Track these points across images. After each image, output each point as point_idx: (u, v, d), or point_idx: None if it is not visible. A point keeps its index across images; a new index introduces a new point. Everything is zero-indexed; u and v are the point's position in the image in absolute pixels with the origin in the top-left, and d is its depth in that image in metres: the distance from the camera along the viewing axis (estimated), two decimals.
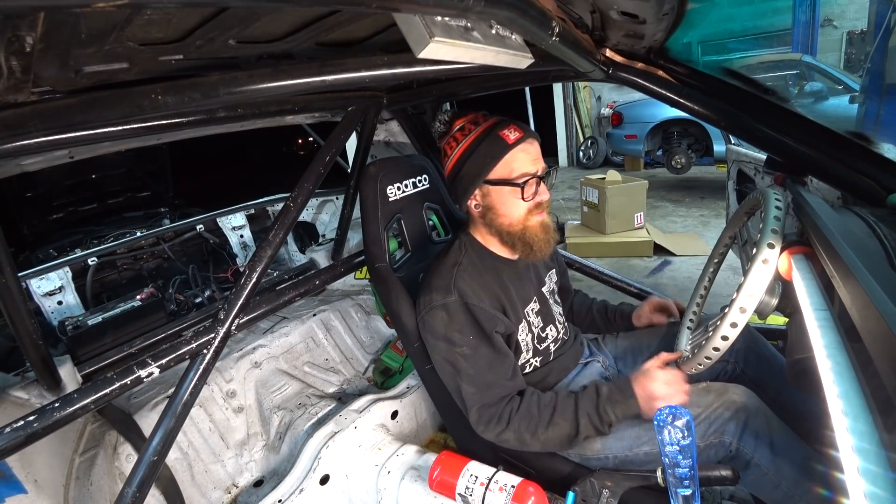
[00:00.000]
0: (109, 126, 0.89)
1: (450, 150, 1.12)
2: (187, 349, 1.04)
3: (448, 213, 1.58)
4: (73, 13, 0.48)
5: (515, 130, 1.07)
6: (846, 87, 4.46)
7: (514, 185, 1.05)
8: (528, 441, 1.03)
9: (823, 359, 0.47)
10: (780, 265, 0.92)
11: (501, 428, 1.03)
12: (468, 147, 1.08)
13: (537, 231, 1.09)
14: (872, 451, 0.36)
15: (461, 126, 1.12)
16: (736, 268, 3.20)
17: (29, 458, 1.07)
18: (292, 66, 0.80)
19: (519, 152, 1.05)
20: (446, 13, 0.57)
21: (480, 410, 1.05)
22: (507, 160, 1.05)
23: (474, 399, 1.05)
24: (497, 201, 1.08)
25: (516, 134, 1.06)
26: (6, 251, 0.81)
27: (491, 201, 1.09)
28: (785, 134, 1.04)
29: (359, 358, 2.08)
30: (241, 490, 1.60)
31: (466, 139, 1.09)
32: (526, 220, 1.08)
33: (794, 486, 0.92)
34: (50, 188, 3.44)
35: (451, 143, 1.12)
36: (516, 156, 1.05)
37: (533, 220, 1.09)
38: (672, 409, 0.80)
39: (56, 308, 2.01)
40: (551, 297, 1.28)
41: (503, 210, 1.08)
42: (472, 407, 1.06)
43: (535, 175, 1.06)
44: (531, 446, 1.04)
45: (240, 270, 2.54)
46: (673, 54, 1.15)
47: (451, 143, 1.12)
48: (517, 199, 1.06)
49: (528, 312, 1.18)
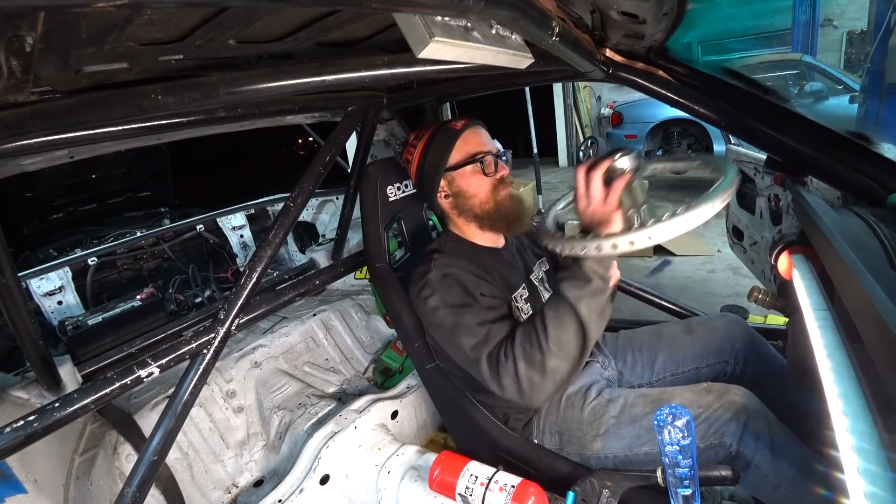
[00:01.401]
0: (109, 126, 0.89)
1: (410, 157, 1.22)
2: (187, 349, 1.04)
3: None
4: (73, 13, 0.48)
5: (461, 119, 1.17)
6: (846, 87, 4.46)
7: (474, 163, 1.13)
8: (540, 359, 0.93)
9: (824, 359, 0.47)
10: (781, 265, 0.92)
11: (511, 362, 0.96)
12: (424, 147, 1.18)
13: (509, 203, 1.15)
14: (872, 451, 0.36)
15: (414, 135, 1.23)
16: (736, 268, 3.20)
17: (29, 458, 1.07)
18: (292, 66, 0.80)
19: (469, 135, 1.15)
20: (446, 13, 0.57)
21: (488, 359, 0.99)
22: (460, 145, 1.14)
23: (478, 350, 1.00)
24: (463, 184, 1.15)
25: (462, 122, 1.16)
26: (6, 251, 0.81)
27: (457, 187, 1.15)
28: (785, 134, 1.04)
29: (359, 358, 2.08)
30: (241, 490, 1.60)
31: (421, 141, 1.19)
32: (495, 196, 1.15)
33: (794, 488, 0.92)
34: (50, 188, 3.45)
35: (410, 151, 1.22)
36: (467, 139, 1.14)
37: (502, 193, 1.15)
38: (672, 408, 0.80)
39: (56, 308, 2.02)
40: (541, 284, 1.28)
41: (471, 191, 1.14)
42: (481, 359, 0.99)
43: (489, 152, 1.14)
44: (549, 363, 0.93)
45: (240, 270, 2.54)
46: (673, 54, 1.15)
47: (410, 151, 1.22)
48: (481, 177, 1.14)
49: (517, 298, 1.18)
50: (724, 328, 1.23)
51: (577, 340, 0.93)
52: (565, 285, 0.94)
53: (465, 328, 1.02)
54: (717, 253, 3.53)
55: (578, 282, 0.93)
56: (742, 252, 1.75)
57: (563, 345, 0.93)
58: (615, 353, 1.33)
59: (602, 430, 1.06)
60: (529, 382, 0.94)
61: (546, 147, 7.62)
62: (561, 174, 8.27)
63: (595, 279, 0.92)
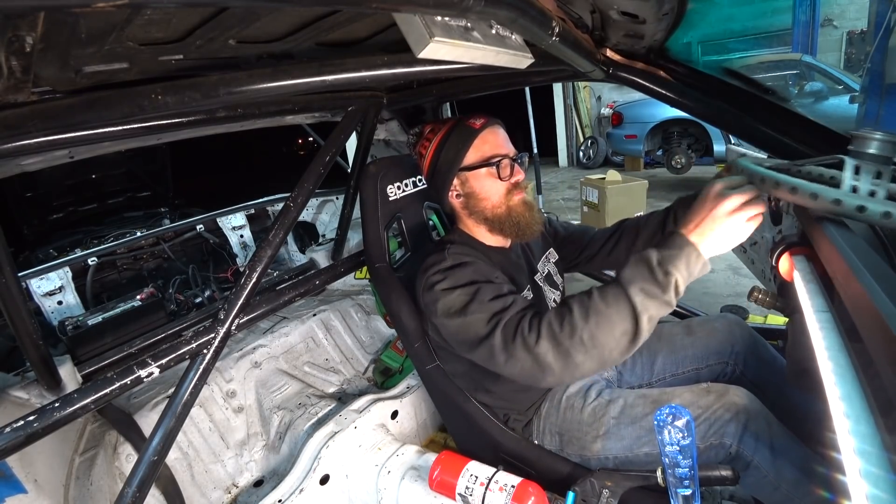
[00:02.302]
0: (109, 126, 0.89)
1: (424, 151, 1.16)
2: (187, 349, 1.04)
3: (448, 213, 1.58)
4: (73, 13, 0.48)
5: (480, 118, 1.12)
6: (846, 87, 4.46)
7: (489, 166, 1.09)
8: (566, 346, 0.83)
9: (825, 360, 0.47)
10: (782, 266, 0.92)
11: (533, 335, 0.86)
12: (440, 141, 1.13)
13: (521, 209, 1.12)
14: (874, 453, 0.36)
15: (430, 128, 1.17)
16: (736, 268, 3.20)
17: (29, 458, 1.07)
18: (292, 66, 0.80)
19: (488, 135, 1.11)
20: (446, 13, 0.57)
21: (504, 327, 0.90)
22: (477, 145, 1.10)
23: (493, 320, 0.92)
24: (476, 186, 1.11)
25: (481, 120, 1.12)
26: (6, 251, 0.81)
27: (470, 188, 1.12)
28: (785, 134, 1.04)
29: (359, 358, 2.08)
30: (241, 490, 1.60)
31: (437, 136, 1.14)
32: (508, 200, 1.11)
33: (794, 489, 0.92)
34: (50, 188, 3.45)
35: (424, 144, 1.17)
36: (486, 139, 1.10)
37: (515, 199, 1.12)
38: (672, 409, 0.80)
39: (56, 308, 2.02)
40: (545, 283, 1.28)
41: (483, 193, 1.11)
42: (495, 329, 0.90)
43: (506, 156, 1.10)
44: (575, 355, 0.82)
45: (240, 270, 2.54)
46: (673, 54, 1.15)
47: (424, 144, 1.17)
48: (495, 180, 1.10)
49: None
50: (724, 329, 1.23)
51: (618, 347, 0.82)
52: (635, 288, 0.80)
53: (480, 303, 0.95)
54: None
55: (653, 288, 0.79)
56: (742, 252, 1.75)
57: (599, 344, 0.82)
58: None
59: (602, 430, 1.06)
60: (544, 364, 0.85)
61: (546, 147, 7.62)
62: (561, 174, 8.26)
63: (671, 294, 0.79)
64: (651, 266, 0.80)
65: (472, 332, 0.95)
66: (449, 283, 1.00)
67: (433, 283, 1.02)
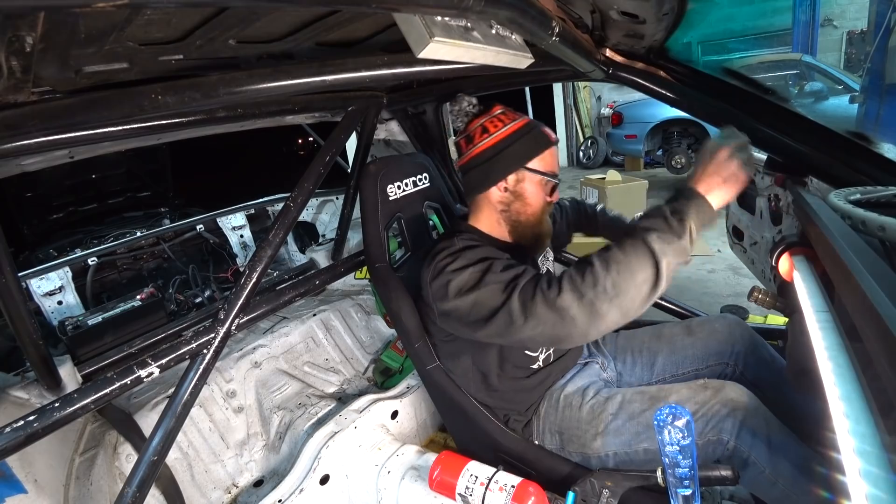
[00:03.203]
0: (109, 126, 0.89)
1: (492, 128, 1.10)
2: (187, 349, 1.04)
3: (448, 213, 1.58)
4: (73, 13, 0.48)
5: (552, 132, 1.16)
6: (846, 87, 4.46)
7: (552, 179, 1.13)
8: (592, 298, 0.83)
9: (825, 360, 0.47)
10: (782, 266, 0.92)
11: (554, 290, 0.86)
12: (516, 131, 1.10)
13: (547, 227, 1.17)
14: (874, 453, 0.36)
15: (503, 110, 1.13)
16: (736, 268, 3.20)
17: (29, 458, 1.07)
18: (292, 66, 0.80)
19: (554, 152, 1.15)
20: (446, 13, 0.57)
21: (522, 291, 0.89)
22: (546, 155, 1.12)
23: (508, 290, 0.91)
24: (528, 190, 1.12)
25: (554, 136, 1.15)
26: (6, 251, 0.81)
27: (521, 189, 1.12)
28: (785, 134, 1.04)
29: (359, 358, 2.08)
30: (241, 490, 1.60)
31: (514, 123, 1.10)
32: (542, 215, 1.15)
33: (792, 485, 0.92)
34: (50, 188, 3.44)
35: (496, 122, 1.11)
36: (553, 154, 1.14)
37: (546, 216, 1.16)
38: (672, 408, 0.80)
39: (56, 308, 2.02)
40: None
41: (530, 199, 1.12)
42: (513, 295, 0.89)
43: (557, 177, 1.15)
44: (599, 304, 0.82)
45: (240, 270, 2.54)
46: (673, 54, 1.15)
47: (496, 122, 1.11)
48: (543, 194, 1.13)
49: None
50: (724, 330, 1.23)
51: (640, 294, 0.82)
52: (653, 235, 0.82)
53: (493, 274, 0.94)
54: (717, 253, 3.53)
55: (669, 235, 0.82)
56: (742, 252, 1.75)
57: (622, 292, 0.82)
58: (615, 353, 1.33)
59: (601, 427, 1.06)
60: (568, 317, 0.84)
61: None
62: (561, 174, 8.24)
63: (687, 240, 0.83)
64: (665, 216, 0.84)
65: (487, 305, 0.93)
66: (460, 262, 0.99)
67: (443, 267, 1.00)
